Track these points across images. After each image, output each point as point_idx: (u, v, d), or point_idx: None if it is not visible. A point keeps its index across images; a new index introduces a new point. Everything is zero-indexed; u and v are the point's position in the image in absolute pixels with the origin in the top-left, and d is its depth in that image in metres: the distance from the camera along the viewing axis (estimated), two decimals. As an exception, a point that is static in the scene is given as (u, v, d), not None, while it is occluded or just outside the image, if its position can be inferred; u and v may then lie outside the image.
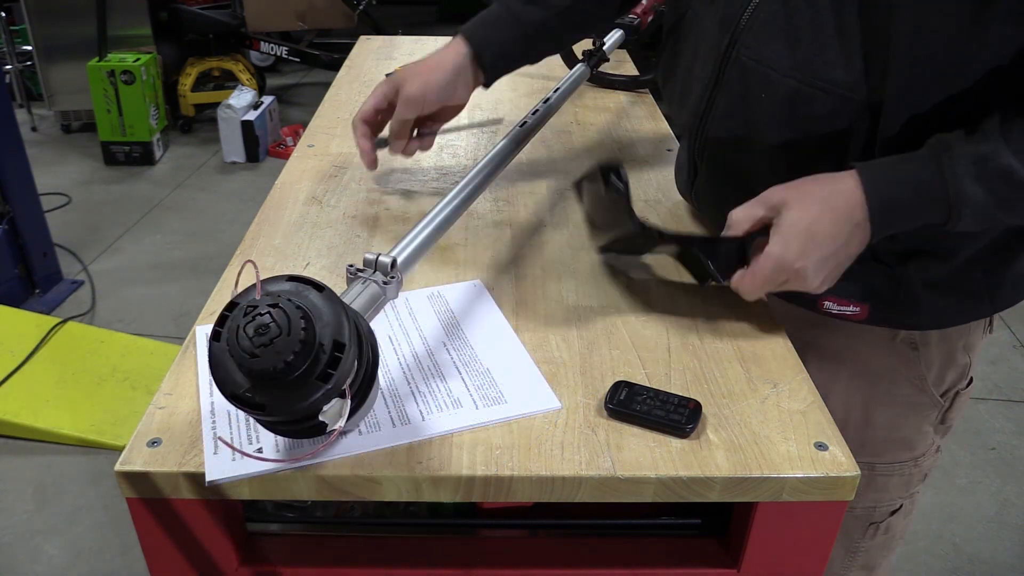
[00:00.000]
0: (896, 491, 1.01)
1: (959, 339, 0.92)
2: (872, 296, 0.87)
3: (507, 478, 0.67)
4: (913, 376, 0.93)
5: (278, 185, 1.15)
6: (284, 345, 0.56)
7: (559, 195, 1.14)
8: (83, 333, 2.50)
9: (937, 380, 0.94)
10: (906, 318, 0.89)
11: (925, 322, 0.89)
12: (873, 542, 1.04)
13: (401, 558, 0.77)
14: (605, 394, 0.74)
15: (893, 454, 0.98)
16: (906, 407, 0.95)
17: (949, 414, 0.97)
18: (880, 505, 1.02)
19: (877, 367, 0.94)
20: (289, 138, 4.01)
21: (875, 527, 1.03)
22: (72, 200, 3.48)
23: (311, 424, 0.60)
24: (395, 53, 1.76)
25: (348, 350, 0.58)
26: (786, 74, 0.81)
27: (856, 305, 0.88)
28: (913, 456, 0.99)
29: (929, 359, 0.92)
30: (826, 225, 0.74)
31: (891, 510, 1.02)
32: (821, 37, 0.78)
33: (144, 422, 0.71)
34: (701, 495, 0.68)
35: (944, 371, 0.94)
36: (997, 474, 2.14)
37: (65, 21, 3.83)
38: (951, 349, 0.93)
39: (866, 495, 1.00)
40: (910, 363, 0.92)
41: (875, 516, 1.02)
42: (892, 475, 0.99)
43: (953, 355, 0.93)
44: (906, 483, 1.01)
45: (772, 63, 0.82)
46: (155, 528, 0.70)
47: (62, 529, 1.91)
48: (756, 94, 0.85)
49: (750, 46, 0.84)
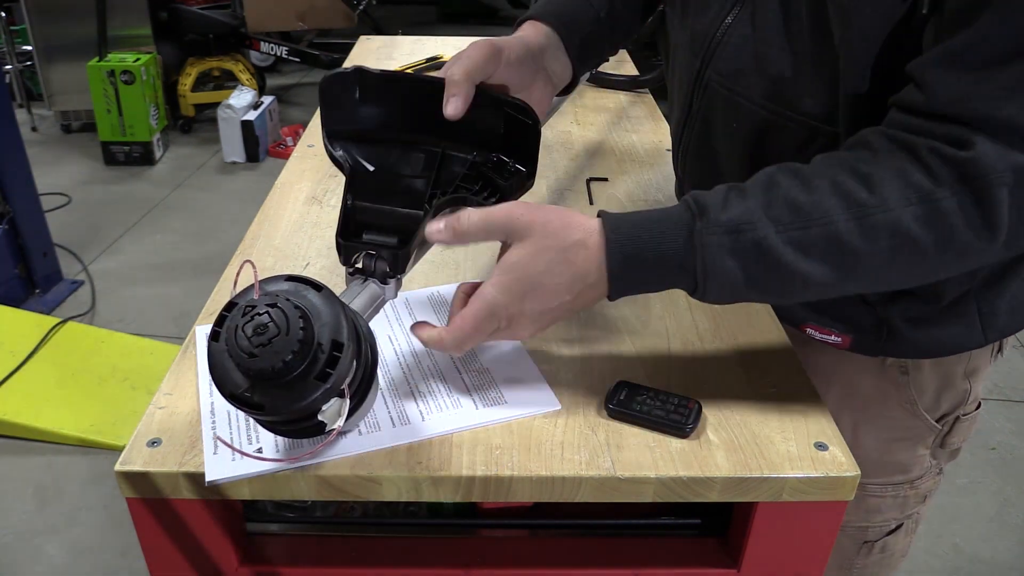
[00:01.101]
0: (890, 512, 0.98)
1: (957, 364, 0.88)
2: (855, 330, 0.85)
3: (507, 478, 0.67)
4: (904, 400, 0.90)
5: (278, 185, 1.15)
6: (282, 345, 0.56)
7: (559, 195, 1.14)
8: (83, 333, 2.50)
9: (931, 405, 0.90)
10: (891, 348, 0.86)
11: (911, 352, 0.86)
12: (869, 560, 1.01)
13: (401, 558, 0.77)
14: (605, 394, 0.74)
15: (885, 476, 0.95)
16: (898, 430, 0.92)
17: (950, 439, 0.93)
18: (873, 525, 0.99)
19: (866, 389, 0.91)
20: (289, 138, 4.01)
21: (870, 546, 1.00)
22: (72, 200, 3.48)
23: (310, 424, 0.61)
24: (395, 53, 1.75)
25: (346, 350, 0.58)
26: (759, 104, 0.78)
27: (838, 336, 0.86)
28: (908, 479, 0.95)
29: (921, 384, 0.89)
30: (556, 279, 0.66)
31: (887, 530, 0.99)
32: (793, 65, 0.75)
33: (144, 422, 0.71)
34: (701, 495, 0.68)
35: (940, 396, 0.90)
36: (997, 474, 2.14)
37: (65, 21, 3.83)
38: (948, 374, 0.89)
39: (856, 514, 0.97)
40: (900, 387, 0.89)
41: (869, 535, 1.00)
42: (885, 496, 0.96)
43: (951, 380, 0.89)
44: (901, 505, 0.98)
45: (744, 92, 0.80)
46: (155, 528, 0.70)
47: (62, 529, 1.91)
48: (728, 123, 0.83)
49: (722, 72, 0.81)
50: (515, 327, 0.68)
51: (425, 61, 1.67)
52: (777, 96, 0.77)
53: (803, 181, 0.64)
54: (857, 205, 0.62)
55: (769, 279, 0.64)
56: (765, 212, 0.63)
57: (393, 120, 0.77)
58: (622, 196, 1.14)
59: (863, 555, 1.01)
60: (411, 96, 0.75)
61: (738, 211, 0.63)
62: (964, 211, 0.61)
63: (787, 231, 0.63)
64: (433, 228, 0.68)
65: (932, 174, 0.61)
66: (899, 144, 0.63)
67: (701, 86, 0.85)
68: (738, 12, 0.79)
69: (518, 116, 0.76)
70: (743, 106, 0.80)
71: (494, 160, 0.73)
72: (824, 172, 0.65)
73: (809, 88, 0.74)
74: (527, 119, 0.76)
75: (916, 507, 0.99)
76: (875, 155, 0.64)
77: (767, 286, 0.65)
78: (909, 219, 0.61)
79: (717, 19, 0.81)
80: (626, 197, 1.14)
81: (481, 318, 0.67)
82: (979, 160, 0.59)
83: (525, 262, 0.66)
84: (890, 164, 0.63)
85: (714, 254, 0.63)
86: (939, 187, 0.61)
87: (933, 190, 0.61)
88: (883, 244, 0.62)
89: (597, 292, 0.68)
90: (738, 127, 0.82)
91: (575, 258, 0.66)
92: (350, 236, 0.73)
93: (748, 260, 0.63)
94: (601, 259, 0.66)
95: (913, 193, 0.61)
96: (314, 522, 0.82)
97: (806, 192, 0.63)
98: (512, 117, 0.76)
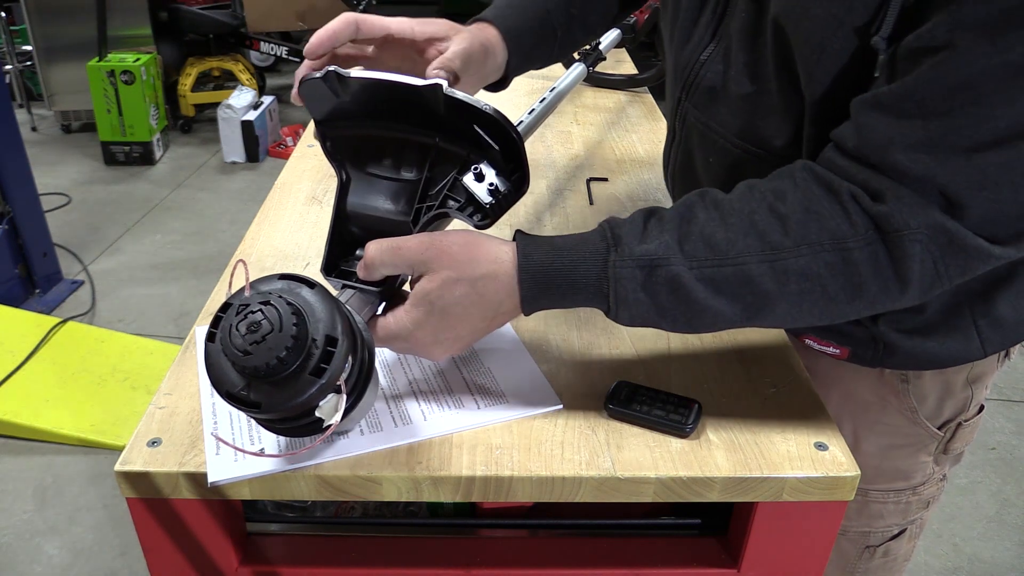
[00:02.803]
0: (892, 518, 0.98)
1: (959, 373, 0.87)
2: (851, 343, 0.85)
3: (507, 478, 0.67)
4: (904, 408, 0.89)
5: (278, 185, 1.15)
6: (276, 341, 0.56)
7: (559, 195, 1.14)
8: (83, 333, 2.50)
9: (933, 413, 0.90)
10: (889, 361, 0.85)
11: (910, 364, 0.86)
12: (871, 564, 1.01)
13: (401, 558, 0.77)
14: (605, 394, 0.74)
15: (887, 482, 0.95)
16: (899, 437, 0.92)
17: (952, 444, 0.93)
18: (875, 530, 0.99)
19: (866, 397, 0.90)
20: (289, 138, 4.01)
21: (872, 550, 1.00)
22: (72, 200, 3.48)
23: (308, 421, 0.61)
24: (395, 53, 1.75)
25: (340, 345, 0.58)
26: (732, 142, 0.79)
27: (836, 347, 0.86)
28: (910, 485, 0.95)
29: (921, 392, 0.88)
30: (467, 309, 0.67)
31: (889, 535, 0.99)
32: (762, 105, 0.75)
33: (144, 422, 0.71)
34: (701, 495, 0.68)
35: (941, 404, 0.89)
36: (997, 474, 2.14)
37: (65, 21, 3.83)
38: (949, 382, 0.88)
39: (859, 520, 0.97)
40: (900, 395, 0.89)
41: (871, 540, 0.99)
42: (887, 502, 0.96)
43: (952, 388, 0.88)
44: (903, 511, 0.97)
45: (717, 128, 0.80)
46: (155, 528, 0.70)
47: (62, 529, 1.91)
48: (705, 156, 0.84)
49: (698, 106, 0.82)
50: (429, 351, 0.70)
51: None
52: (749, 135, 0.78)
53: (721, 216, 0.65)
54: (771, 248, 0.63)
55: (679, 312, 0.65)
56: (680, 247, 0.64)
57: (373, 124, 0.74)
58: (622, 196, 1.14)
59: (865, 560, 1.01)
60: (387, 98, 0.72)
61: (653, 245, 0.64)
62: (876, 262, 0.62)
63: (700, 267, 0.64)
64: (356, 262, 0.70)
65: (850, 220, 0.62)
66: (824, 184, 0.64)
67: (681, 116, 0.86)
68: (713, 49, 0.80)
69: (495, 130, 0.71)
70: (717, 142, 0.81)
71: (477, 172, 0.71)
72: (742, 208, 0.65)
73: (780, 128, 0.75)
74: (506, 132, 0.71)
75: (919, 512, 0.99)
76: (796, 191, 0.65)
77: (677, 318, 0.66)
78: (820, 265, 0.62)
79: (695, 53, 0.82)
80: (626, 197, 1.14)
81: (393, 335, 0.69)
82: (893, 216, 0.60)
83: (435, 295, 0.67)
84: (809, 205, 0.63)
85: (626, 286, 0.65)
86: (854, 235, 0.62)
87: (846, 238, 0.62)
88: (793, 288, 0.63)
89: (511, 315, 0.70)
90: (714, 161, 0.83)
91: (485, 290, 0.67)
92: (332, 269, 0.74)
93: (660, 294, 0.65)
94: (513, 287, 0.67)
95: (827, 239, 0.62)
96: (314, 522, 0.82)
97: (723, 228, 0.64)
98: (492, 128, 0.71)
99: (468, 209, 0.71)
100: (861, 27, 0.64)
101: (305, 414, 0.60)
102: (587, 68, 1.32)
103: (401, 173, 0.73)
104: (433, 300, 0.67)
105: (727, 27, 0.78)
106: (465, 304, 0.67)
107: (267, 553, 0.76)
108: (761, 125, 0.76)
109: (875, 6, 0.62)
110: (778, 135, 0.75)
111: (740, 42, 0.76)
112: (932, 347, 0.82)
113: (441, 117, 0.70)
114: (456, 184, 0.72)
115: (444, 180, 0.72)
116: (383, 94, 0.70)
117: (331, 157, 0.76)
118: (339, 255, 0.75)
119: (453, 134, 0.71)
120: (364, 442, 0.69)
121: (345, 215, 0.74)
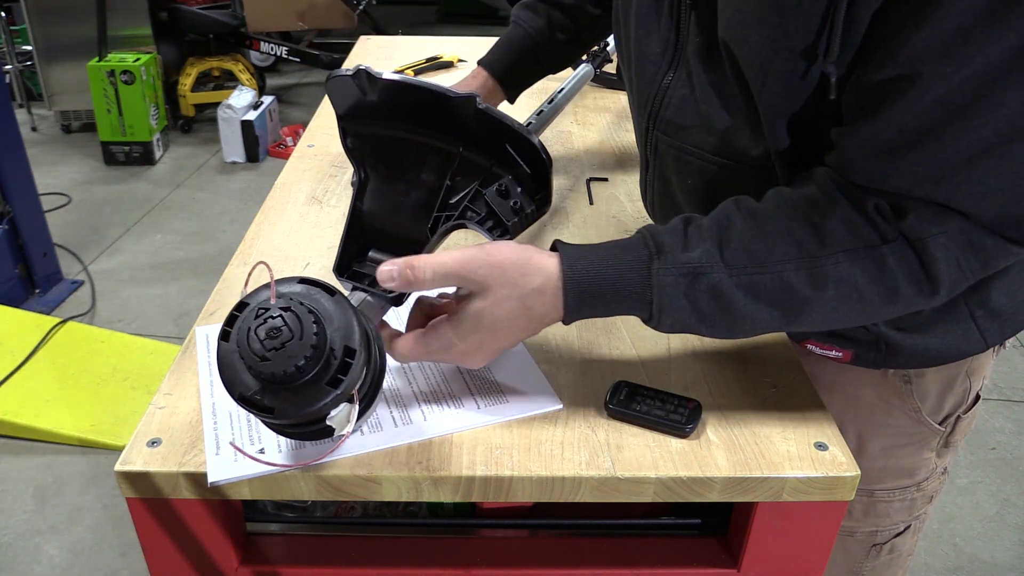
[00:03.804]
0: (898, 515, 0.99)
1: (959, 367, 0.88)
2: (854, 345, 0.85)
3: (507, 478, 0.67)
4: (908, 408, 0.90)
5: (278, 185, 1.15)
6: (296, 349, 0.55)
7: (559, 195, 1.14)
8: (83, 333, 2.50)
9: (934, 409, 0.91)
10: (892, 361, 0.86)
11: (914, 363, 0.86)
12: (878, 562, 1.02)
13: (401, 558, 0.77)
14: (605, 394, 0.74)
15: (892, 481, 0.96)
16: (903, 436, 0.92)
17: (952, 437, 0.94)
18: (882, 529, 1.00)
19: (869, 399, 0.91)
20: (289, 138, 4.01)
21: (878, 548, 1.01)
22: (72, 200, 3.48)
23: (317, 427, 0.60)
24: (395, 53, 1.75)
25: (358, 356, 0.58)
26: (709, 160, 0.80)
27: (838, 351, 0.86)
28: (915, 482, 0.96)
29: (924, 390, 0.89)
30: (514, 321, 0.68)
31: (895, 532, 1.00)
32: (734, 119, 0.76)
33: (144, 422, 0.71)
34: (701, 495, 0.68)
35: (943, 399, 0.90)
36: (997, 474, 2.14)
37: (65, 21, 3.82)
38: (949, 376, 0.89)
39: (867, 520, 0.98)
40: (903, 396, 0.90)
41: (877, 538, 1.00)
42: (893, 500, 0.97)
43: (952, 382, 0.89)
44: (909, 507, 0.98)
45: (693, 149, 0.81)
46: (155, 528, 0.70)
47: (62, 529, 1.91)
48: (683, 179, 0.84)
49: (668, 132, 0.83)
50: (470, 360, 0.71)
51: (425, 61, 1.67)
52: (725, 149, 0.78)
53: (758, 224, 0.67)
54: (808, 255, 0.65)
55: (720, 319, 0.67)
56: (721, 255, 0.65)
57: (398, 127, 0.74)
58: (622, 196, 1.14)
59: (872, 558, 1.02)
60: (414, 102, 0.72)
61: (696, 253, 0.66)
62: (908, 267, 0.64)
63: (740, 275, 0.65)
64: (384, 273, 0.68)
65: (879, 229, 0.64)
66: (847, 195, 0.65)
67: (652, 145, 0.87)
68: (673, 75, 0.81)
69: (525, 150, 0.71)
70: (693, 163, 0.82)
71: (501, 189, 0.71)
72: (777, 215, 0.67)
73: (753, 139, 0.76)
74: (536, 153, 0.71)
75: (923, 507, 1.00)
76: (825, 199, 0.66)
77: (717, 324, 0.68)
78: (856, 272, 0.64)
79: (656, 79, 0.82)
80: (626, 197, 1.14)
81: (434, 351, 0.70)
82: (914, 227, 0.63)
83: (486, 313, 0.67)
84: (839, 213, 0.65)
85: (670, 294, 0.66)
86: (885, 242, 0.64)
87: (879, 244, 0.64)
88: (830, 293, 0.65)
89: (551, 324, 0.70)
90: (693, 182, 0.83)
91: (533, 303, 0.67)
92: (345, 270, 0.74)
93: (701, 301, 0.66)
94: (558, 300, 0.67)
95: (861, 246, 0.64)
96: (314, 522, 0.82)
97: (760, 237, 0.66)
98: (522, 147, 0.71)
99: (488, 223, 0.71)
100: (804, 50, 0.65)
101: (316, 421, 0.60)
102: (594, 69, 1.32)
103: (422, 178, 0.73)
104: (483, 316, 0.67)
105: (683, 52, 0.79)
106: (512, 317, 0.68)
107: (267, 553, 0.76)
108: (736, 138, 0.77)
109: (815, 31, 0.64)
110: (754, 145, 0.76)
111: (701, 63, 0.77)
112: (934, 343, 0.83)
113: (468, 128, 0.70)
114: (477, 196, 0.71)
115: (465, 191, 0.72)
116: (410, 98, 0.70)
117: (351, 154, 0.76)
118: (353, 255, 0.75)
119: (478, 146, 0.71)
120: (364, 442, 0.69)
121: (361, 215, 0.74)
